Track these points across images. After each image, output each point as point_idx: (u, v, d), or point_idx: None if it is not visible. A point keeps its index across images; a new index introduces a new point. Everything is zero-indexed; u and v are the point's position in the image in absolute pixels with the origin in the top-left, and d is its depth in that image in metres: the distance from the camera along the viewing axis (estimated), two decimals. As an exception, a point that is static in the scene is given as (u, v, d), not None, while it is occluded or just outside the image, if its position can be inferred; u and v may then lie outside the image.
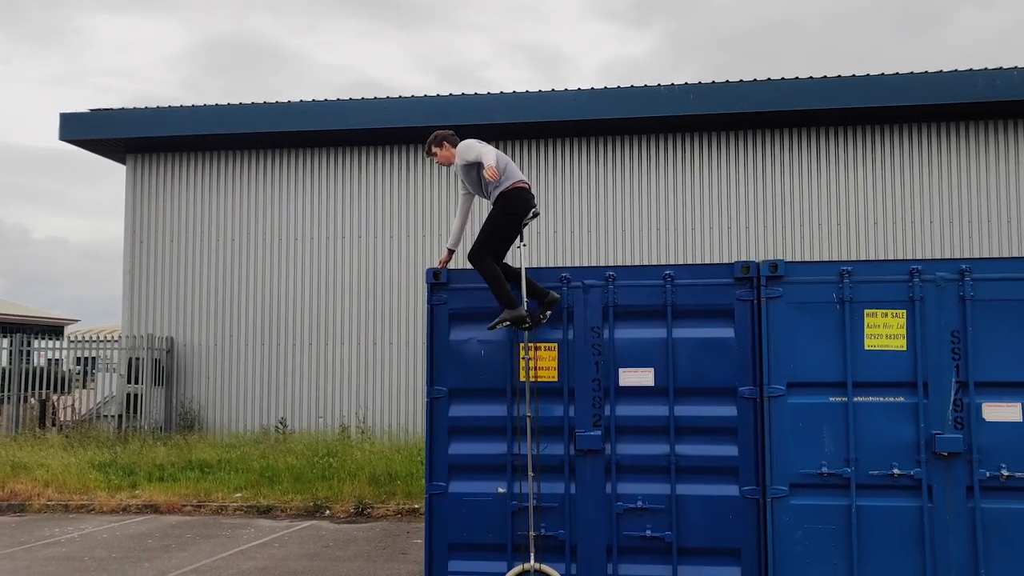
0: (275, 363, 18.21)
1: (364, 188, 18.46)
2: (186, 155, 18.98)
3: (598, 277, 7.18)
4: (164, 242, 18.81)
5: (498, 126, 17.28)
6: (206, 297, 18.59)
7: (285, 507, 12.50)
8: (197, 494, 12.96)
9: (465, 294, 7.27)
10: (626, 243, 17.52)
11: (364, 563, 9.23)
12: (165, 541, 10.41)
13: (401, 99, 17.90)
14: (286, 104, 18.21)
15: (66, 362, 20.73)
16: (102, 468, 14.05)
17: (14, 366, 17.92)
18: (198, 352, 18.43)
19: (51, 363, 19.20)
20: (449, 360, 7.22)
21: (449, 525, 7.11)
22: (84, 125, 18.49)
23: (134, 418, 17.47)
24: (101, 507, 12.61)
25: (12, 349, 18.04)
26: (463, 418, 7.18)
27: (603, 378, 7.06)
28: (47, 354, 19.08)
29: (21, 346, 18.07)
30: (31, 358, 18.45)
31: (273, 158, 18.75)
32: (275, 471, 13.70)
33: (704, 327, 7.05)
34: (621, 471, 7.00)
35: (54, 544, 10.29)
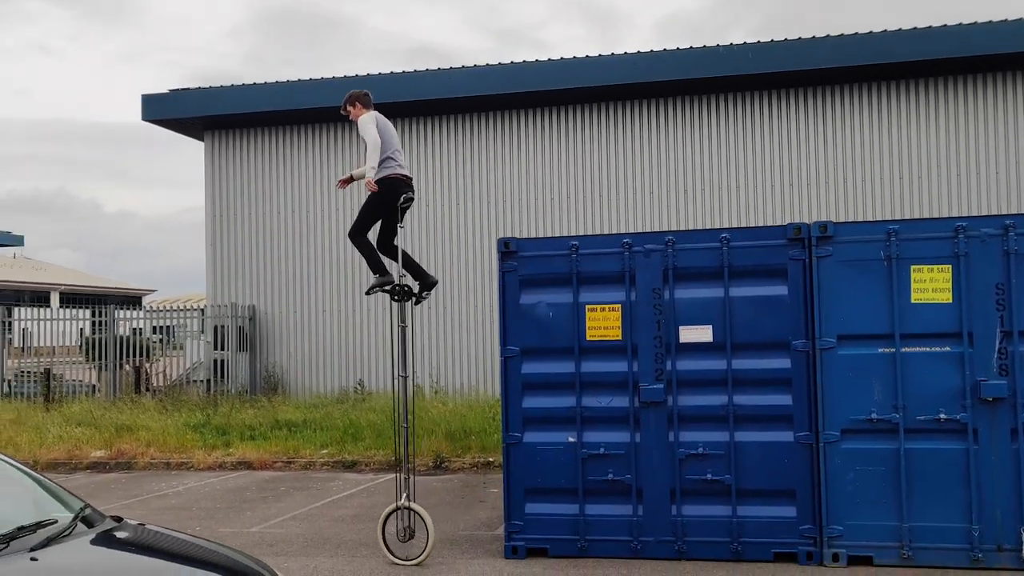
0: (352, 327, 19.06)
1: (434, 156, 19.08)
2: (261, 130, 19.80)
3: (658, 242, 7.71)
4: (243, 215, 19.72)
5: (555, 92, 17.72)
6: (284, 266, 19.48)
7: (368, 461, 13.32)
8: (286, 451, 13.87)
9: (533, 261, 7.86)
10: (683, 205, 17.88)
11: (446, 510, 9.97)
12: (262, 493, 11.31)
13: (463, 69, 18.42)
14: (353, 78, 18.87)
15: (147, 331, 21.88)
16: (197, 429, 15.06)
17: (107, 335, 19.07)
18: (279, 319, 19.37)
19: (135, 332, 20.33)
20: (520, 322, 7.85)
21: (525, 472, 7.78)
22: (164, 105, 19.41)
23: (221, 382, 18.51)
24: (199, 464, 13.59)
25: (100, 320, 19.17)
26: (534, 375, 7.82)
27: (664, 335, 7.61)
28: (131, 323, 20.19)
29: (110, 317, 19.20)
30: (115, 328, 19.56)
31: (341, 131, 19.45)
32: (357, 428, 14.54)
33: (759, 286, 7.54)
34: (682, 420, 7.58)
35: (164, 496, 11.26)
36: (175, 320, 20.83)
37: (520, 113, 18.63)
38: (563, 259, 7.79)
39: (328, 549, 8.38)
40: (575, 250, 7.78)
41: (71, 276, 69.49)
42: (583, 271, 7.77)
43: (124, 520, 4.51)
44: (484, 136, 18.88)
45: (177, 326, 20.99)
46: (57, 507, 4.35)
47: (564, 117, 18.48)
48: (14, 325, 21.01)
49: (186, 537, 4.47)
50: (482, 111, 18.71)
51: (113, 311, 19.27)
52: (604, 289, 7.75)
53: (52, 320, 20.92)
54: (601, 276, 7.75)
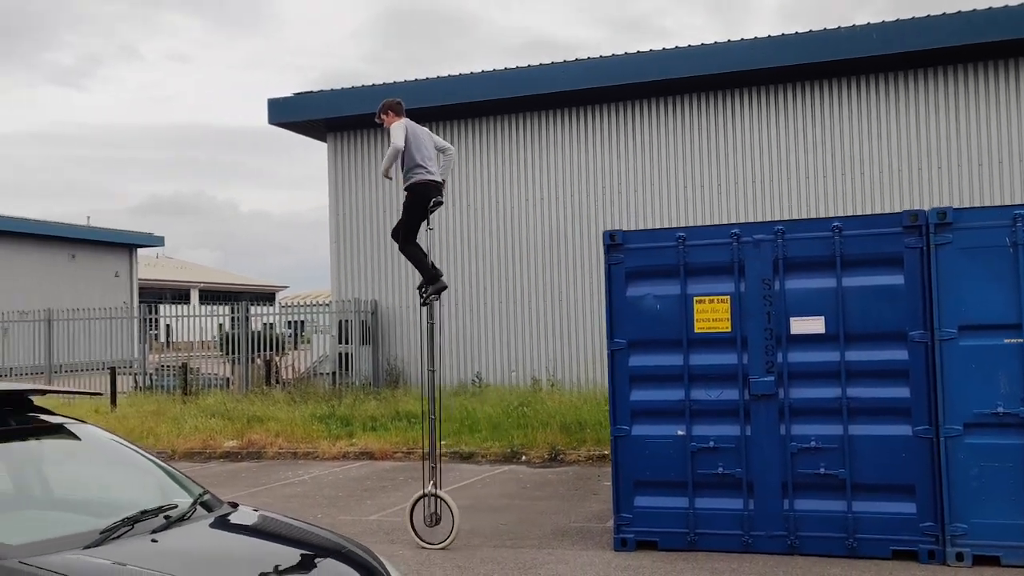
0: (470, 322, 19.36)
1: (550, 151, 19.17)
2: (381, 130, 20.29)
3: (767, 232, 7.57)
4: (365, 212, 20.28)
5: (677, 80, 17.53)
6: (404, 262, 19.90)
7: (485, 453, 13.54)
8: (406, 442, 14.22)
9: (639, 253, 7.84)
10: (804, 192, 17.41)
11: (559, 502, 10.06)
12: (381, 483, 11.65)
13: (580, 61, 18.43)
14: (468, 76, 19.15)
15: (279, 326, 22.78)
16: (322, 420, 15.61)
17: (240, 331, 19.95)
18: (399, 313, 19.85)
19: (267, 327, 21.20)
20: (627, 314, 7.84)
21: (633, 465, 7.78)
22: (289, 109, 20.15)
23: (346, 375, 19.11)
24: (324, 454, 14.08)
25: (235, 315, 20.08)
26: (642, 367, 7.80)
27: (774, 327, 7.48)
28: (263, 319, 21.07)
29: (244, 312, 20.07)
30: (249, 323, 20.44)
31: (459, 128, 19.76)
32: (474, 420, 14.79)
33: (873, 275, 7.33)
34: (794, 413, 7.43)
35: (289, 485, 11.74)
36: (304, 316, 21.62)
37: (634, 104, 18.52)
38: (670, 251, 7.75)
39: (442, 538, 8.57)
40: (682, 241, 7.72)
41: (210, 274, 72.83)
42: (691, 262, 7.70)
43: (240, 506, 4.75)
44: (598, 129, 18.85)
45: (307, 321, 21.80)
46: (179, 492, 4.62)
47: (678, 106, 18.27)
48: (159, 321, 22.21)
49: (298, 523, 4.68)
50: (594, 104, 18.68)
51: (246, 307, 20.13)
52: (712, 280, 7.67)
53: (191, 317, 22.03)
54: (709, 267, 7.67)
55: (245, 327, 19.90)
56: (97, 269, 41.35)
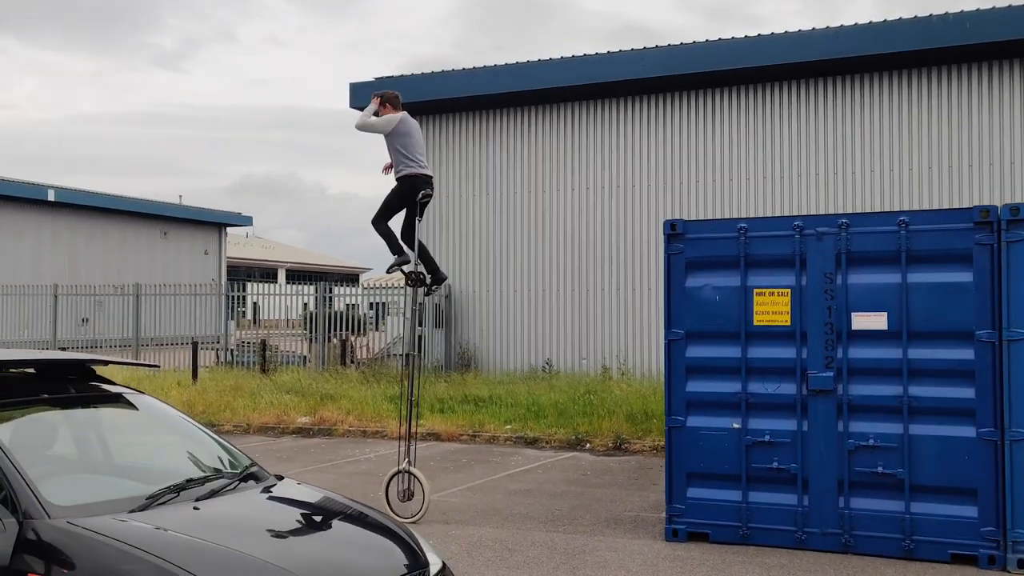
0: (542, 308, 19.43)
1: (621, 138, 19.07)
2: (457, 114, 20.48)
3: (831, 224, 7.43)
4: (440, 198, 20.48)
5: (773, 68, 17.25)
6: (479, 246, 20.10)
7: (549, 439, 13.60)
8: (472, 425, 14.38)
9: (699, 243, 7.77)
10: (890, 186, 16.96)
11: (617, 490, 10.07)
12: (444, 464, 11.82)
13: (661, 48, 18.27)
14: (546, 62, 19.15)
15: (361, 307, 23.23)
16: (392, 400, 15.86)
17: (319, 311, 20.40)
18: (472, 298, 20.03)
19: (349, 308, 21.64)
20: (686, 305, 7.79)
21: (687, 456, 7.74)
22: (370, 93, 20.42)
23: (418, 357, 19.35)
24: (392, 434, 14.30)
25: (316, 295, 20.54)
26: (699, 358, 7.75)
27: (835, 322, 7.34)
28: (345, 300, 21.51)
29: (326, 292, 20.51)
30: (332, 303, 20.90)
31: (532, 113, 19.79)
32: (540, 406, 14.86)
33: (940, 272, 7.13)
34: (852, 410, 7.30)
35: (355, 462, 12.00)
36: (387, 297, 21.97)
37: (713, 92, 18.28)
38: (731, 242, 7.67)
39: (496, 520, 8.68)
40: (744, 232, 7.63)
41: (297, 254, 74.46)
42: (751, 254, 7.61)
43: (285, 478, 4.91)
44: (674, 117, 18.66)
45: (388, 303, 22.17)
46: (227, 464, 4.80)
47: (761, 94, 17.96)
48: (246, 299, 22.83)
49: (338, 497, 4.82)
50: (677, 91, 18.50)
51: (327, 287, 20.56)
52: (773, 273, 7.56)
53: (275, 295, 22.61)
54: (770, 259, 7.57)
55: (324, 307, 20.33)
56: (188, 246, 42.67)
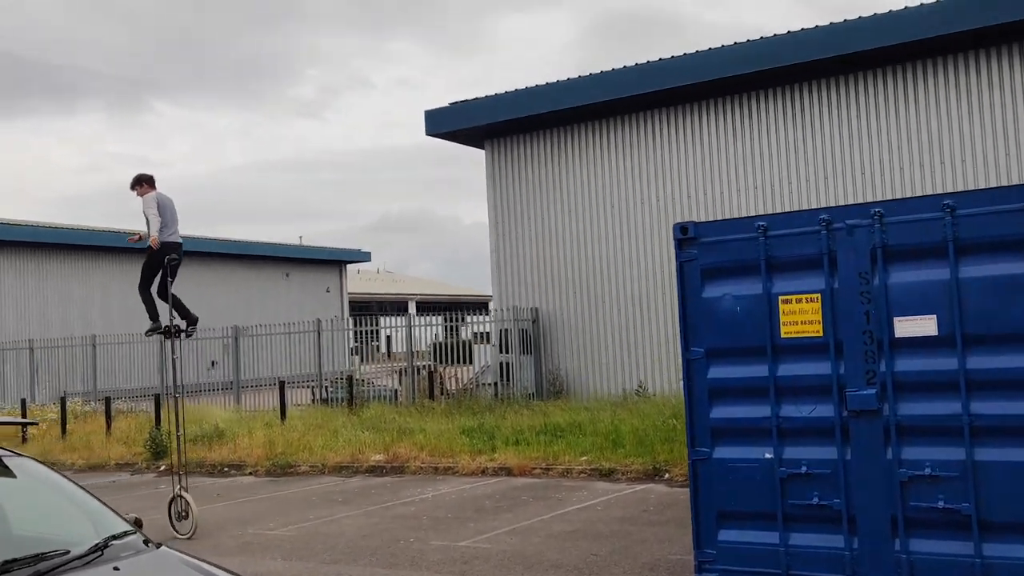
0: (633, 329, 18.43)
1: (710, 144, 17.96)
2: (538, 133, 19.80)
3: (863, 215, 6.33)
4: (523, 218, 19.82)
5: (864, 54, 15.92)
6: (565, 267, 19.29)
7: (626, 470, 12.62)
8: (546, 457, 13.55)
9: (715, 247, 6.78)
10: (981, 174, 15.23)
11: (673, 528, 9.04)
12: (500, 503, 11.03)
13: (739, 45, 17.12)
14: (621, 70, 18.27)
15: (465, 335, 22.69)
16: (467, 433, 15.22)
17: (403, 341, 20.04)
18: (561, 321, 19.21)
19: (479, 335, 21.02)
20: (704, 319, 6.80)
21: (716, 493, 6.72)
22: (445, 119, 20.04)
23: (507, 386, 18.68)
24: (463, 470, 13.66)
25: (408, 325, 20.19)
26: (722, 379, 6.74)
27: (875, 329, 6.21)
28: (474, 328, 21.03)
29: (408, 323, 20.13)
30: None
31: (620, 126, 18.90)
32: (620, 435, 13.89)
33: (998, 263, 5.93)
34: (903, 433, 6.13)
35: (407, 504, 11.37)
36: (468, 325, 21.44)
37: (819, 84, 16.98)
38: (750, 243, 6.63)
39: (517, 570, 7.85)
40: (763, 231, 6.59)
41: (427, 286, 75.39)
42: (774, 256, 6.56)
43: (164, 548, 4.28)
44: (770, 120, 17.42)
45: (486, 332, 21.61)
46: (95, 532, 4.21)
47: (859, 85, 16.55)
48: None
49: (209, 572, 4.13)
50: (776, 86, 17.30)
51: (410, 319, 20.19)
52: (799, 276, 6.48)
53: (369, 329, 22.41)
54: (795, 261, 6.50)
55: (409, 337, 19.95)
56: (311, 285, 43.57)
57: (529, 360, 19.10)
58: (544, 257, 19.52)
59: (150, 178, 10.45)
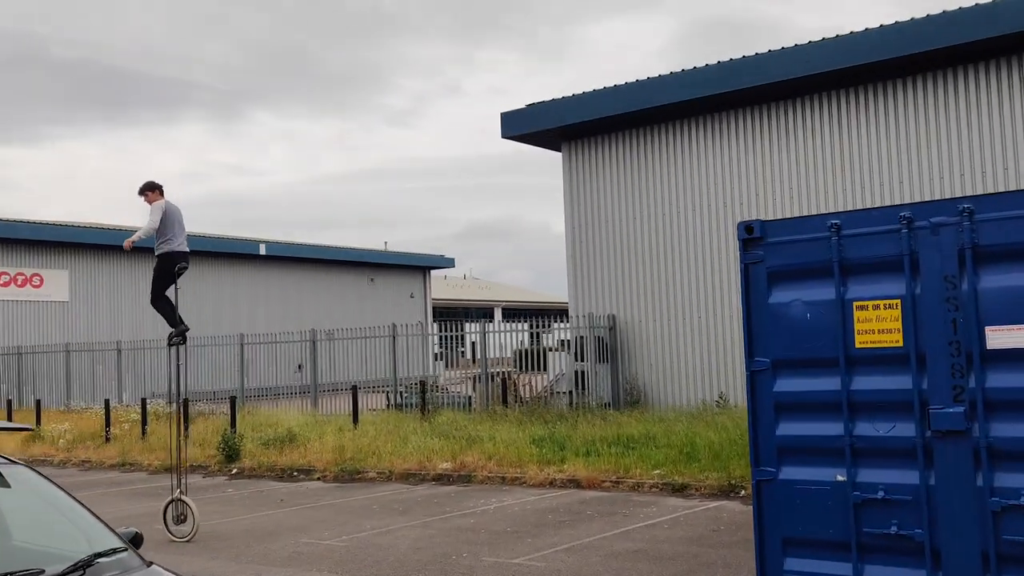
0: (714, 336, 17.72)
1: (796, 144, 17.15)
2: (615, 134, 19.26)
3: (950, 212, 5.66)
4: (601, 222, 19.29)
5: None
6: (644, 273, 18.69)
7: (699, 485, 11.99)
8: (617, 470, 12.99)
9: (783, 249, 6.19)
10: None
11: (742, 552, 8.40)
12: (563, 517, 10.54)
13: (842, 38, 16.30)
14: (707, 67, 17.60)
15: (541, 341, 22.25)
16: (537, 442, 14.75)
17: (479, 347, 19.69)
18: (639, 329, 18.60)
19: (563, 343, 20.58)
20: (770, 326, 6.23)
21: (782, 517, 6.12)
22: (522, 121, 19.66)
23: (582, 394, 18.16)
24: (530, 480, 13.20)
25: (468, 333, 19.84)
26: (790, 393, 6.14)
27: (963, 340, 5.55)
28: (559, 335, 20.61)
29: (481, 329, 19.77)
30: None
31: (702, 126, 18.23)
32: (695, 447, 13.24)
33: (1109, 264, 5.20)
34: (996, 457, 5.45)
35: (468, 515, 10.96)
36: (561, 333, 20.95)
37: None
38: (821, 243, 6.02)
39: (570, 592, 7.35)
40: (836, 230, 5.97)
41: (514, 293, 75.23)
42: (848, 258, 5.94)
43: (155, 567, 3.95)
44: (896, 111, 16.54)
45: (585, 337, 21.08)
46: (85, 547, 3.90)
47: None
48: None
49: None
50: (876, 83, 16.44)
51: (484, 325, 19.86)
52: (876, 280, 5.85)
53: (441, 335, 22.18)
54: (872, 263, 5.86)
55: (482, 343, 19.61)
56: (394, 290, 43.74)
57: (605, 368, 18.54)
58: (622, 262, 18.95)
59: (160, 186, 10.55)
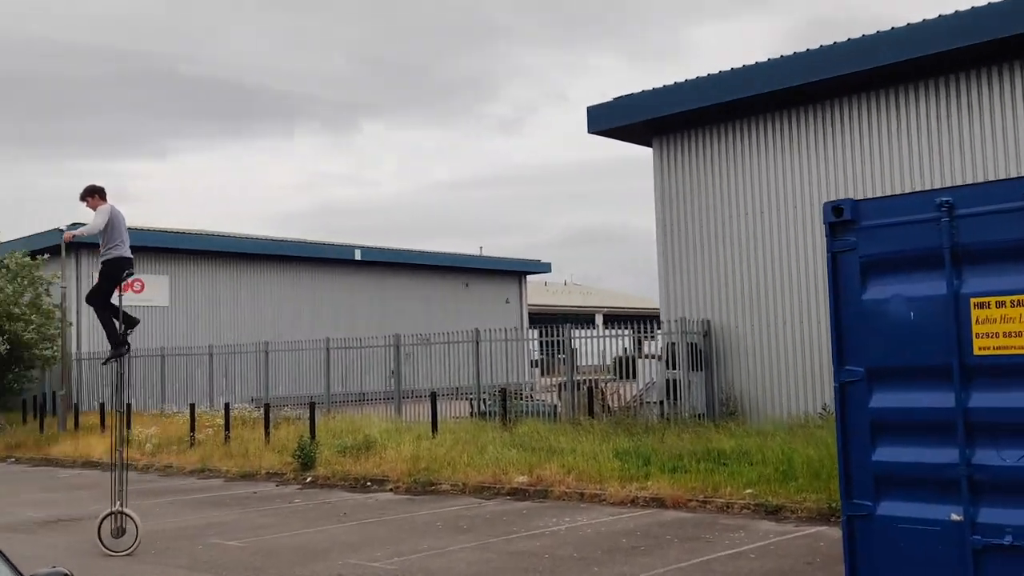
0: (816, 343, 16.32)
1: (910, 137, 15.66)
2: (710, 128, 18.05)
3: (1097, 183, 4.48)
4: (693, 221, 18.11)
5: None
6: (740, 275, 17.44)
7: (796, 508, 10.78)
8: (705, 488, 11.87)
9: (882, 233, 5.10)
10: None
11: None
12: (638, 543, 9.50)
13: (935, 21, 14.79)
14: (809, 52, 16.27)
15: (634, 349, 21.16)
16: (621, 456, 13.71)
17: (562, 353, 18.74)
18: (736, 334, 17.35)
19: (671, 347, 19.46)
20: (864, 328, 5.15)
21: (880, 563, 5.01)
22: (609, 114, 18.65)
23: (674, 404, 17.01)
24: (610, 498, 12.19)
25: (557, 339, 18.88)
26: (890, 410, 5.05)
27: (1116, 345, 4.35)
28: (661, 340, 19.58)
29: (568, 335, 18.79)
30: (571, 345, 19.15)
31: (803, 116, 16.89)
32: (792, 464, 12.00)
33: None
34: None
35: (534, 537, 10.03)
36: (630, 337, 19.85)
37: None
38: (928, 226, 4.91)
39: (630, 637, 6.35)
40: (948, 210, 4.85)
41: (616, 299, 73.88)
42: (963, 243, 4.81)
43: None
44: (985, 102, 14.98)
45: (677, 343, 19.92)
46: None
47: None
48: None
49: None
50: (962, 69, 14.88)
51: (569, 331, 18.88)
52: (1000, 271, 4.72)
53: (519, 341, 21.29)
54: (994, 249, 4.73)
55: (568, 348, 18.64)
56: (490, 296, 43.12)
57: (699, 377, 17.33)
58: (717, 264, 17.72)
59: (102, 190, 10.29)
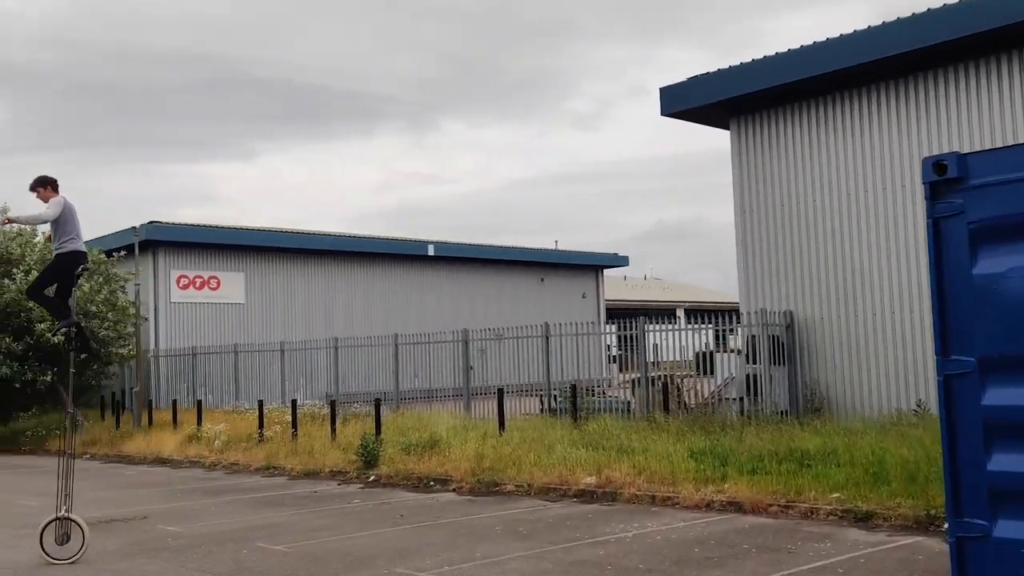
0: (909, 335, 15.15)
1: (1015, 110, 14.38)
2: (792, 106, 16.97)
3: None
4: (775, 206, 17.04)
5: None
6: (826, 263, 16.33)
7: (888, 515, 9.78)
8: (787, 492, 10.93)
9: (998, 193, 4.20)
10: None
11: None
12: (711, 553, 8.63)
13: None
14: (899, 21, 15.08)
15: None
16: (697, 456, 12.81)
17: (638, 348, 17.85)
18: (821, 325, 16.24)
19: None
20: (976, 310, 4.25)
21: (998, 594, 4.11)
22: (684, 94, 17.70)
23: (755, 400, 16.01)
24: (684, 501, 11.34)
25: (632, 333, 18.00)
26: (1010, 409, 4.14)
27: None
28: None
29: (639, 330, 17.90)
30: (646, 340, 18.24)
31: (897, 91, 15.70)
32: (884, 466, 10.96)
33: None
34: None
35: (598, 544, 9.24)
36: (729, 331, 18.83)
37: None
38: (1057, 182, 4.00)
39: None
40: (1082, 162, 3.93)
41: (697, 293, 72.38)
42: (1102, 202, 3.89)
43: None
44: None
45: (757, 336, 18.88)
46: None
47: None
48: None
49: None
50: None
51: (643, 325, 17.99)
52: None
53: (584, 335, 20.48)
54: None
55: (642, 343, 17.75)
56: (565, 290, 42.35)
57: (782, 372, 16.29)
58: (800, 252, 16.64)
59: (54, 181, 9.96)
